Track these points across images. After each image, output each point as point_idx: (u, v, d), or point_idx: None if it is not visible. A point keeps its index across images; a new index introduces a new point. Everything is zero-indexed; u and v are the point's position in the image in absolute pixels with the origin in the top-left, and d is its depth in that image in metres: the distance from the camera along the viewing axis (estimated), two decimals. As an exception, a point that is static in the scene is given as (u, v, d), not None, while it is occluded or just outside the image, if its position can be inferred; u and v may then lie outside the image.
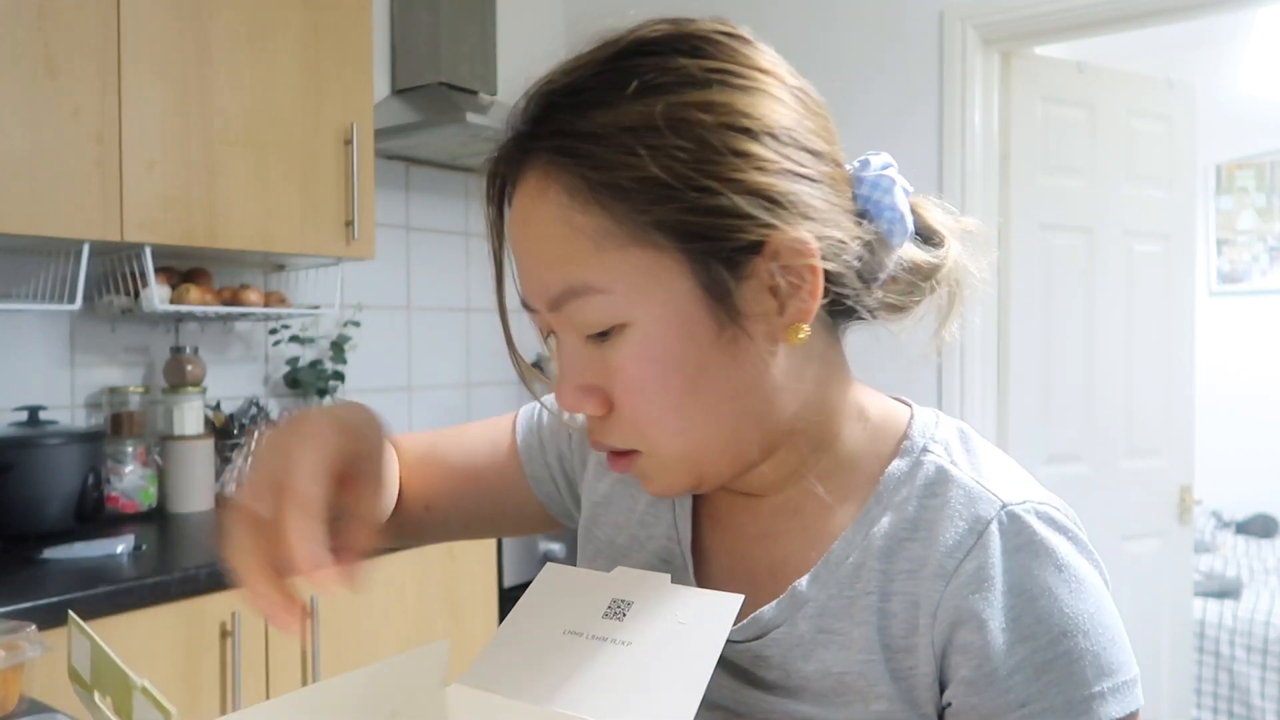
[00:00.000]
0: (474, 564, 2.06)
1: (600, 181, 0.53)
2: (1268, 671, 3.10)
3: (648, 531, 0.68)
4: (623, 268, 0.54)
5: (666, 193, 0.52)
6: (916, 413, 0.63)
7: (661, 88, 0.53)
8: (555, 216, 0.54)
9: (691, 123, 0.52)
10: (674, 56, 0.54)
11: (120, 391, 2.03)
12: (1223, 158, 4.34)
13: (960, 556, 0.54)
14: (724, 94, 0.54)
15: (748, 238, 0.53)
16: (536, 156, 0.56)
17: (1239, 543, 3.99)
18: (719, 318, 0.54)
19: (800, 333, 0.55)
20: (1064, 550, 0.55)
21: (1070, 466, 2.50)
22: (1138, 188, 2.59)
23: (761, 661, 0.59)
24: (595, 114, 0.54)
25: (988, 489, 0.57)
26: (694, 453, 0.58)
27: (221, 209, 1.89)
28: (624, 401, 0.57)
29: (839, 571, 0.58)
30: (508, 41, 2.85)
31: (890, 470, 0.60)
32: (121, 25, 1.73)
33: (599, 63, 0.56)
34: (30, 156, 1.63)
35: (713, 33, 0.56)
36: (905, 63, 2.43)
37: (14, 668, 0.96)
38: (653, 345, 0.55)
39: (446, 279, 2.78)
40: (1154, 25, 2.32)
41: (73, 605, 1.41)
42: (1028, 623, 0.53)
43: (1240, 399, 4.24)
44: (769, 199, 0.53)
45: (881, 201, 0.59)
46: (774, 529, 0.63)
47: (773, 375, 0.57)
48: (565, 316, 0.56)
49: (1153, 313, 2.62)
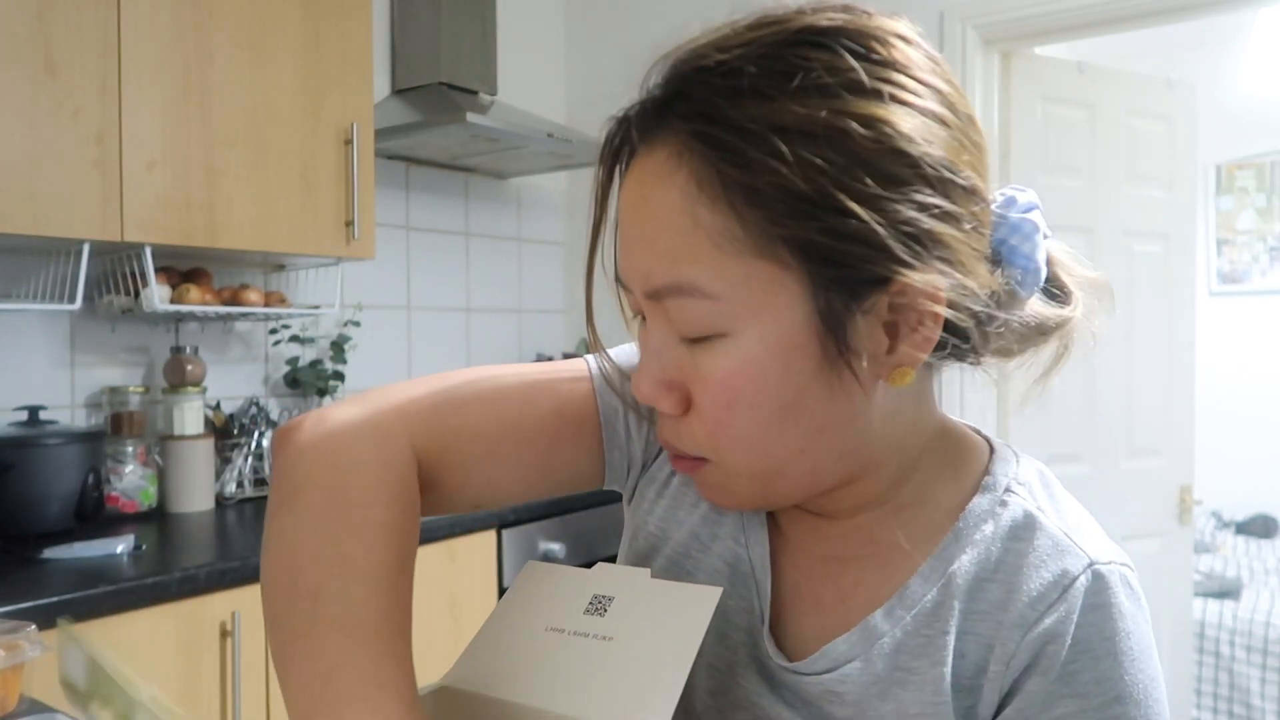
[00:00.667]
0: (474, 564, 2.06)
1: (738, 181, 0.48)
2: (1268, 671, 3.10)
3: (711, 531, 0.64)
4: (739, 277, 0.50)
5: (806, 209, 0.48)
6: (998, 449, 0.61)
7: (825, 90, 0.48)
8: (678, 205, 0.50)
9: (850, 136, 0.48)
10: (844, 55, 0.49)
11: (120, 391, 2.03)
12: (1223, 158, 4.34)
13: (1043, 609, 0.53)
14: (889, 110, 0.49)
15: (879, 271, 0.49)
16: (672, 132, 0.51)
17: (1239, 543, 3.99)
18: (827, 348, 0.51)
19: (906, 377, 0.52)
20: (1133, 618, 0.54)
21: (1070, 466, 2.50)
22: (1138, 188, 2.58)
23: (835, 698, 0.57)
24: (749, 105, 0.48)
25: (1076, 543, 0.55)
26: (765, 474, 0.55)
27: (221, 209, 1.89)
28: (706, 411, 0.53)
29: (917, 608, 0.56)
30: (508, 41, 2.85)
31: (970, 507, 0.58)
32: (121, 25, 1.73)
33: (764, 45, 0.50)
34: (30, 156, 1.63)
35: (889, 34, 0.51)
36: (905, 63, 2.43)
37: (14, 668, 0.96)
38: (751, 363, 0.51)
39: (446, 279, 2.78)
40: (1154, 25, 2.32)
41: (73, 605, 1.41)
42: (1085, 680, 0.52)
43: (1240, 399, 4.24)
44: (912, 236, 0.48)
45: (1019, 249, 0.55)
46: (844, 552, 0.60)
47: (868, 414, 0.54)
48: (662, 309, 0.53)
49: (1153, 313, 2.62)
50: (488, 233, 2.90)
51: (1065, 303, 0.59)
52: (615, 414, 0.67)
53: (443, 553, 1.99)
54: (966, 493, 0.59)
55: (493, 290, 2.91)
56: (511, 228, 2.97)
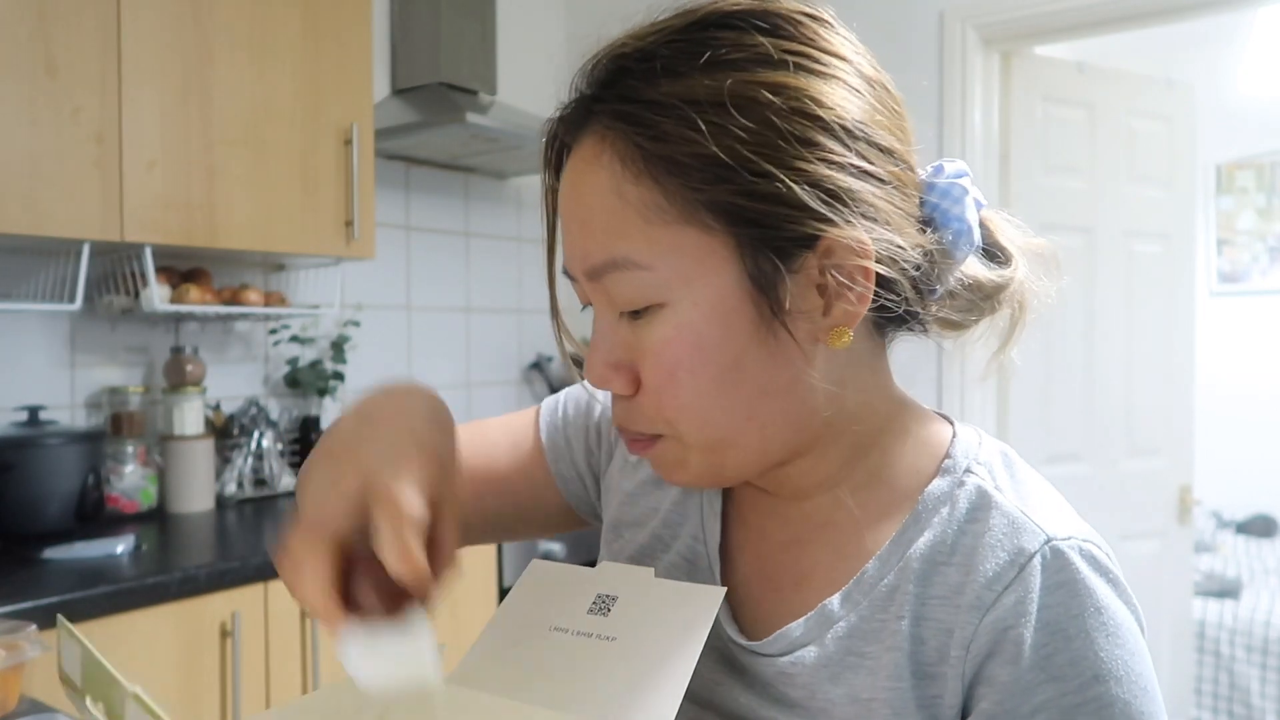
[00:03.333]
0: (474, 564, 2.06)
1: (657, 154, 0.51)
2: (1268, 671, 3.10)
3: (673, 531, 0.66)
4: (668, 246, 0.52)
5: (723, 173, 0.50)
6: (959, 431, 0.61)
7: (734, 63, 0.51)
8: (606, 185, 0.53)
9: (759, 103, 0.50)
10: (752, 33, 0.52)
11: (120, 391, 2.03)
12: (1223, 158, 4.34)
13: (999, 589, 0.52)
14: (798, 78, 0.51)
15: (802, 230, 0.51)
16: (596, 121, 0.54)
17: (1239, 543, 3.99)
18: (761, 310, 0.52)
19: (843, 337, 0.53)
20: (1104, 593, 0.53)
21: (1070, 466, 2.50)
22: (1138, 188, 2.58)
23: (786, 679, 0.57)
24: (662, 83, 0.52)
25: (1031, 519, 0.54)
26: (717, 444, 0.55)
27: (221, 209, 1.89)
28: (652, 384, 0.55)
29: (873, 593, 0.56)
30: (508, 41, 2.85)
31: (930, 489, 0.57)
32: (121, 25, 1.73)
33: (675, 31, 0.53)
34: (30, 156, 1.63)
35: (796, 13, 0.54)
36: (905, 63, 2.43)
37: (14, 668, 0.96)
38: (688, 329, 0.53)
39: (446, 279, 2.78)
40: (1154, 25, 2.32)
41: (73, 605, 1.41)
42: (1059, 663, 0.51)
43: (1240, 399, 4.24)
44: (830, 193, 0.51)
45: (950, 211, 0.57)
46: (802, 536, 0.61)
47: (809, 376, 0.54)
48: (603, 288, 0.55)
49: (1153, 313, 2.62)
50: (488, 233, 2.90)
51: (1005, 265, 0.60)
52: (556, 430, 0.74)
53: (443, 553, 1.99)
54: (926, 474, 0.59)
55: (493, 290, 2.91)
56: (511, 228, 2.97)
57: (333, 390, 2.39)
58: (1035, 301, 0.60)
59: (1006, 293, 0.59)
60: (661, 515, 0.67)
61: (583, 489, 0.75)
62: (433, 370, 2.74)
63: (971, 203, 0.58)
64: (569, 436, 0.75)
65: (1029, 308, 0.60)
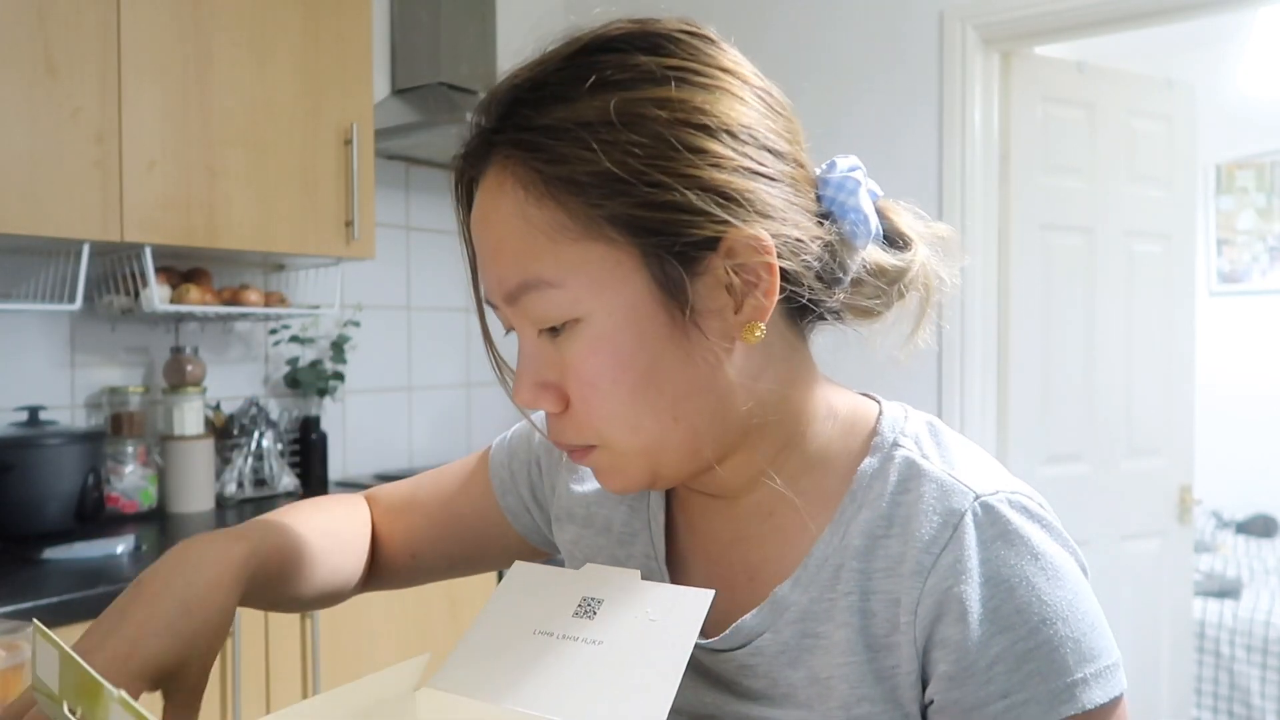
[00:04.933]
0: (474, 564, 2.06)
1: (555, 175, 0.53)
2: (1268, 671, 3.10)
3: (627, 550, 0.68)
4: (576, 262, 0.54)
5: (620, 187, 0.52)
6: (885, 408, 0.63)
7: (619, 84, 0.54)
8: (511, 211, 0.55)
9: (647, 118, 0.53)
10: (634, 54, 0.55)
11: (120, 391, 2.03)
12: (1223, 158, 4.34)
13: (937, 551, 0.54)
14: (682, 91, 0.54)
15: (702, 234, 0.53)
16: (497, 150, 0.56)
17: (1239, 543, 3.99)
18: (672, 314, 0.54)
19: (756, 331, 0.55)
20: (1038, 538, 0.55)
21: (1070, 466, 2.50)
22: (1138, 188, 2.58)
23: (747, 671, 0.59)
24: (553, 109, 0.54)
25: (959, 480, 0.56)
26: (648, 449, 0.57)
27: (221, 209, 1.89)
28: (577, 397, 0.56)
29: (819, 574, 0.58)
30: (508, 42, 2.85)
31: (862, 468, 0.59)
32: (121, 25, 1.73)
33: (561, 59, 0.56)
34: (30, 156, 1.63)
35: (676, 31, 0.56)
36: (905, 63, 2.43)
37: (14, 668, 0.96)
38: (605, 340, 0.54)
39: (446, 279, 2.78)
40: (1154, 25, 2.32)
41: (73, 605, 1.41)
42: (1006, 613, 0.53)
43: (1240, 399, 4.24)
44: (724, 195, 0.53)
45: (845, 203, 0.59)
46: (748, 532, 0.63)
47: (728, 374, 0.56)
48: (521, 310, 0.56)
49: (1153, 313, 2.62)
50: (488, 233, 2.90)
51: (906, 250, 0.62)
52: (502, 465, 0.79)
53: (443, 553, 1.99)
54: (858, 454, 0.61)
55: (493, 290, 2.91)
56: (511, 228, 2.97)
57: (333, 390, 2.39)
58: (939, 284, 0.62)
59: (909, 276, 0.61)
60: (615, 535, 0.69)
61: (531, 520, 0.78)
62: (433, 370, 2.74)
63: (865, 193, 0.60)
64: (513, 470, 0.78)
65: (934, 290, 0.62)
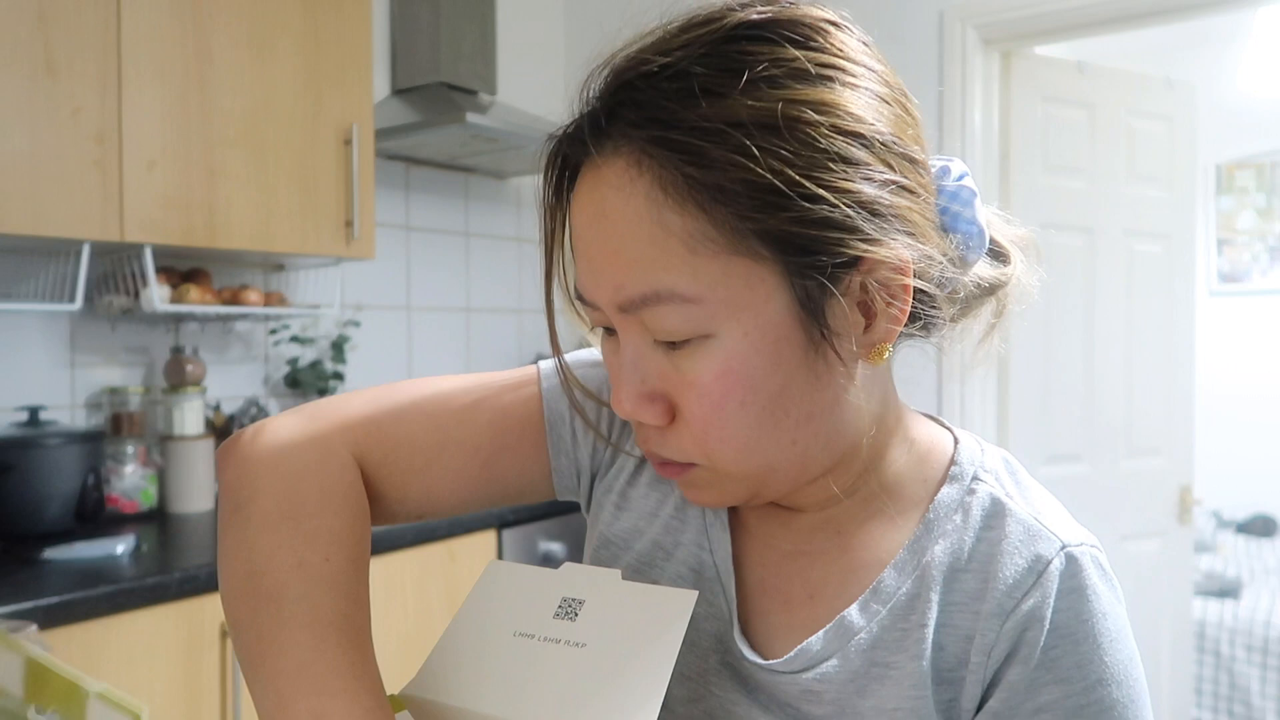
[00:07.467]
0: (474, 564, 2.06)
1: (702, 181, 0.48)
2: (1268, 671, 3.10)
3: (674, 539, 0.64)
4: (716, 277, 0.49)
5: (775, 200, 0.48)
6: (960, 438, 0.61)
7: (773, 81, 0.49)
8: (643, 213, 0.49)
9: (804, 123, 0.48)
10: (785, 46, 0.50)
11: (120, 391, 2.03)
12: (1223, 158, 4.34)
13: (1019, 596, 0.53)
14: (836, 93, 0.50)
15: (850, 252, 0.49)
16: (626, 141, 0.50)
17: (1239, 543, 3.99)
18: (810, 334, 0.51)
19: (885, 353, 0.53)
20: (1108, 599, 0.54)
21: (1070, 466, 2.50)
22: (1138, 188, 2.58)
23: (812, 697, 0.56)
24: (702, 104, 0.48)
25: (1046, 527, 0.56)
26: (757, 472, 0.54)
27: (221, 209, 1.89)
28: (695, 416, 0.52)
29: (892, 602, 0.56)
30: (508, 41, 2.85)
31: (940, 497, 0.58)
32: (121, 25, 1.73)
33: (702, 45, 0.50)
34: (30, 156, 1.63)
35: (821, 21, 0.52)
36: (905, 63, 2.43)
37: (14, 668, 0.96)
38: (737, 361, 0.51)
39: (446, 279, 2.78)
40: (1154, 25, 2.32)
41: (73, 605, 1.41)
42: (1066, 666, 0.52)
43: (1240, 399, 4.24)
44: (874, 212, 0.49)
45: (961, 214, 0.56)
46: (811, 547, 0.60)
47: (850, 396, 0.54)
48: (638, 319, 0.52)
49: (1153, 313, 2.62)
50: (488, 233, 2.90)
51: (1005, 263, 0.60)
52: (561, 420, 0.66)
53: (443, 553, 1.99)
54: (934, 483, 0.59)
55: (493, 290, 2.91)
56: (511, 228, 2.97)
57: (333, 390, 2.39)
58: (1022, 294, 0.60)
59: (1006, 289, 0.59)
60: (661, 521, 0.65)
61: (574, 482, 0.70)
62: (433, 370, 2.74)
63: (979, 204, 0.57)
64: (576, 431, 0.68)
65: (1014, 299, 0.60)
